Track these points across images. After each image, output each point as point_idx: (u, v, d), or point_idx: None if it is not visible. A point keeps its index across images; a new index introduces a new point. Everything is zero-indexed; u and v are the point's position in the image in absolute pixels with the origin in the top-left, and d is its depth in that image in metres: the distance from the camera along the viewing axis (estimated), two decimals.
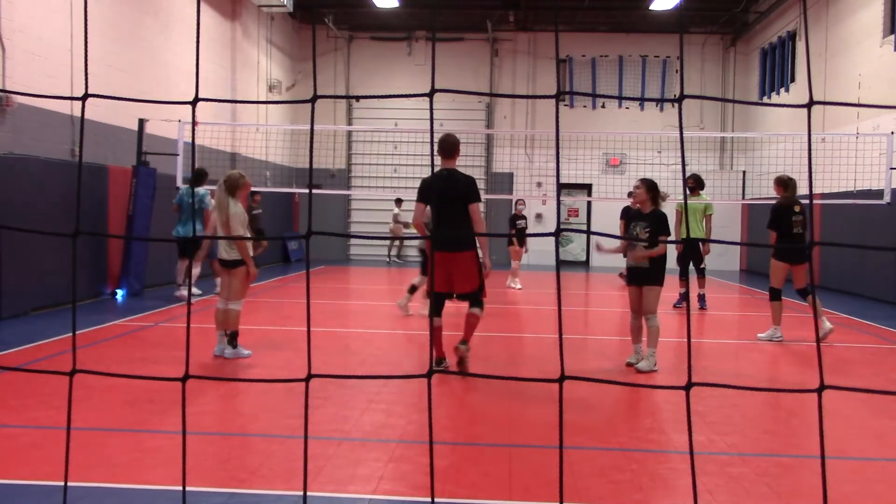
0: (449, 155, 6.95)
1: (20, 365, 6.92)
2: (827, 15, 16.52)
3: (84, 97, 1.77)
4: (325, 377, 2.15)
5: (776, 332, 8.95)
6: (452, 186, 6.74)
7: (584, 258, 22.76)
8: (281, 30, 20.88)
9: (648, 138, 21.15)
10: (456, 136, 7.09)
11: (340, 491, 4.02)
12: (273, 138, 19.88)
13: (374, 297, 14.10)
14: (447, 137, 7.02)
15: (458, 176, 6.82)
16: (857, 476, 4.49)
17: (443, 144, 6.97)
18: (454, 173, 6.86)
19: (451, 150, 6.94)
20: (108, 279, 12.00)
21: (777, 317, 8.97)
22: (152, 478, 4.14)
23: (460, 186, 6.74)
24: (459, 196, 6.72)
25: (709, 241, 1.90)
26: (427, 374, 1.62)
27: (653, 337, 7.09)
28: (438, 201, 6.75)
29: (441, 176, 6.83)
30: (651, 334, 7.10)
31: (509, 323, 10.59)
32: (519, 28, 22.33)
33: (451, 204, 6.72)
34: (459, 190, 6.73)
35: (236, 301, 7.29)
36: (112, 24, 12.34)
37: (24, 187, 9.70)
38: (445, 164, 6.98)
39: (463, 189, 6.73)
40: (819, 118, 16.65)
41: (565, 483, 4.14)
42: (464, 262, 6.76)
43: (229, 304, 7.28)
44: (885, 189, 12.24)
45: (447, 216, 6.74)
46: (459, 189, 6.73)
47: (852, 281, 14.58)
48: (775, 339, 8.91)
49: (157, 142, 13.19)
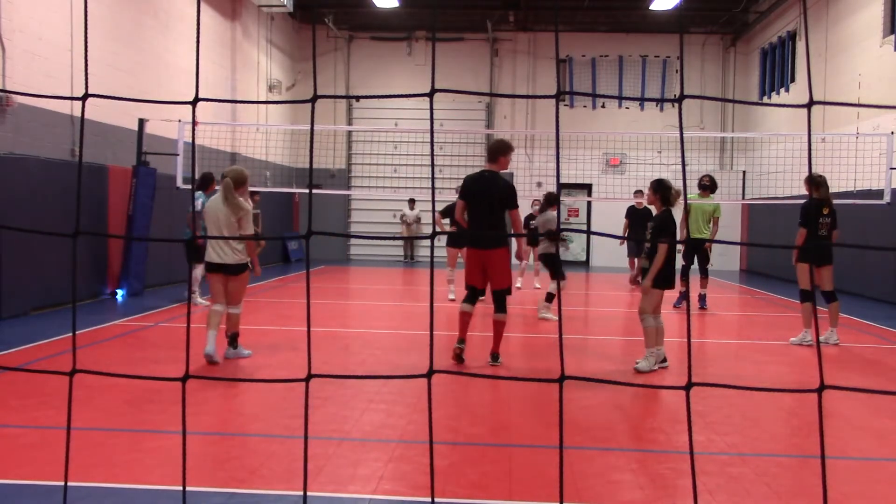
0: (490, 159, 7.33)
1: (20, 365, 6.93)
2: (827, 15, 16.52)
3: (84, 97, 1.77)
4: (325, 377, 2.15)
5: (806, 336, 8.68)
6: (493, 189, 7.13)
7: (584, 258, 22.76)
8: (281, 30, 20.88)
9: (648, 138, 21.14)
10: (504, 142, 7.43)
11: (340, 491, 4.02)
12: (273, 138, 19.88)
13: (374, 297, 14.11)
14: (494, 143, 7.43)
15: (499, 181, 7.22)
16: (857, 476, 4.49)
17: (489, 149, 7.44)
18: (496, 177, 7.24)
19: (492, 155, 7.32)
20: (108, 279, 12.00)
21: (808, 319, 8.59)
22: (152, 478, 4.14)
23: (501, 191, 7.14)
24: (499, 199, 7.13)
25: (712, 241, 1.89)
26: (427, 374, 1.62)
27: (648, 338, 7.07)
28: (476, 200, 7.14)
29: (484, 177, 7.23)
30: (646, 335, 7.08)
31: (509, 323, 10.59)
32: (519, 28, 22.33)
33: (490, 205, 7.13)
34: (500, 194, 7.13)
35: (238, 305, 7.25)
36: (112, 24, 12.34)
37: (24, 187, 9.69)
38: (490, 167, 7.34)
39: (504, 193, 7.15)
40: (819, 118, 16.65)
41: (565, 483, 4.14)
42: (498, 258, 7.17)
43: (230, 308, 7.20)
44: (885, 189, 12.24)
45: (483, 215, 7.16)
46: (500, 193, 7.14)
47: (852, 281, 14.57)
48: (805, 343, 8.63)
49: (157, 142, 13.18)
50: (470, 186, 7.21)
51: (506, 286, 7.24)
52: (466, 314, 7.35)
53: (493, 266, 7.16)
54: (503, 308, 7.28)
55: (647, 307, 7.08)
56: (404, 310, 12.07)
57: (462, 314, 7.35)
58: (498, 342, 7.31)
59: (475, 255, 7.23)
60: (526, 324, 10.63)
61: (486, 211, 7.14)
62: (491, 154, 7.32)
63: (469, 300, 7.33)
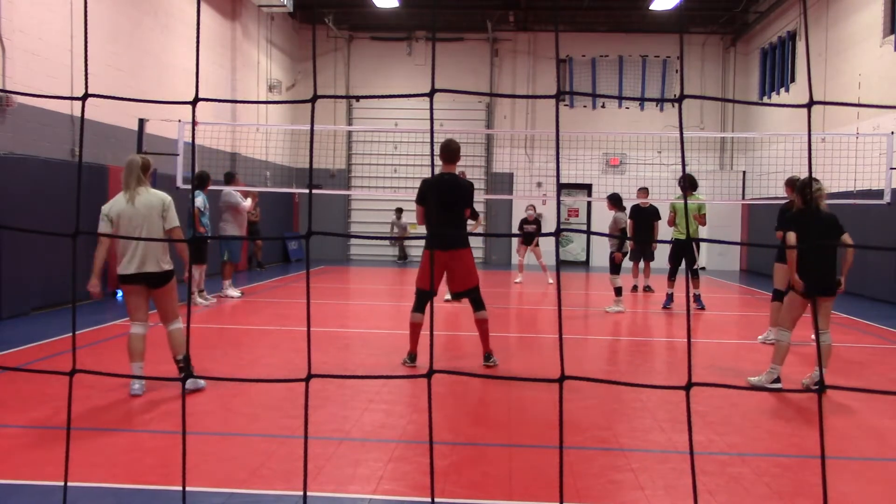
0: (450, 160, 7.17)
1: (20, 365, 6.92)
2: (827, 15, 16.52)
3: (84, 97, 1.77)
4: (325, 377, 2.15)
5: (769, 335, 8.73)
6: (454, 191, 7.01)
7: (584, 258, 22.76)
8: (281, 30, 20.88)
9: (648, 138, 21.14)
10: (458, 143, 7.30)
11: (340, 491, 4.02)
12: (273, 138, 19.88)
13: (374, 297, 14.10)
14: (450, 143, 7.22)
15: (460, 182, 7.11)
16: (857, 476, 4.49)
17: (446, 150, 7.18)
18: (455, 178, 7.13)
19: (453, 156, 7.16)
20: (108, 279, 11.99)
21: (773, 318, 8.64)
22: (152, 478, 4.14)
23: (462, 192, 7.03)
24: (461, 201, 7.02)
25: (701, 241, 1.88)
26: (427, 375, 1.62)
27: (778, 352, 6.64)
28: (439, 203, 6.98)
29: (443, 179, 7.07)
30: (777, 349, 6.66)
31: (510, 322, 10.60)
32: (519, 28, 22.33)
33: (452, 207, 7.01)
34: (461, 195, 7.02)
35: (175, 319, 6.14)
36: (112, 25, 12.33)
37: (24, 187, 9.69)
38: (446, 169, 7.19)
39: (465, 193, 7.04)
40: (819, 118, 16.65)
41: (565, 483, 4.14)
42: (467, 257, 7.06)
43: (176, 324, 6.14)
44: (885, 189, 12.24)
45: (447, 218, 7.03)
46: (461, 194, 7.02)
47: (852, 281, 14.55)
48: (769, 342, 8.66)
49: (157, 142, 13.18)
50: (433, 190, 7.01)
51: (476, 283, 7.14)
52: (419, 325, 7.16)
53: (463, 266, 7.03)
54: (482, 305, 7.18)
55: (786, 318, 6.64)
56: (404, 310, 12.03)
57: (414, 325, 7.15)
58: (487, 341, 7.19)
59: (442, 257, 6.97)
60: (526, 323, 10.64)
61: (451, 213, 7.02)
62: (451, 155, 7.13)
63: (420, 309, 7.16)
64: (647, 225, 13.02)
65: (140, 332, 5.93)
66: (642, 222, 13.12)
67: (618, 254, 11.77)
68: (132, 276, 5.83)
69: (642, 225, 13.08)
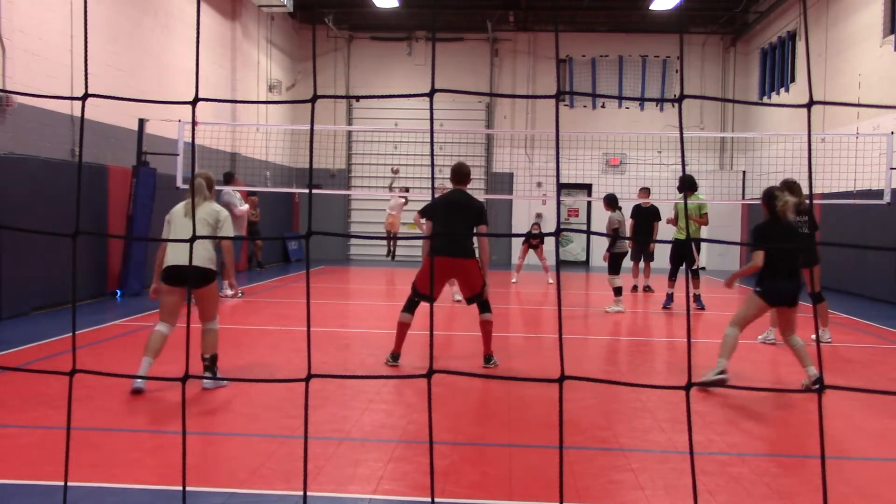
0: (461, 182, 7.40)
1: (20, 365, 6.92)
2: (827, 15, 16.52)
3: (84, 97, 1.77)
4: (325, 377, 2.15)
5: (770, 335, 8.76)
6: (465, 205, 7.18)
7: (583, 258, 22.75)
8: (281, 30, 20.88)
9: (648, 138, 21.13)
10: (468, 167, 7.59)
11: (340, 491, 4.02)
12: (273, 138, 19.87)
13: (374, 297, 14.11)
14: (461, 167, 7.50)
15: (471, 199, 7.31)
16: (857, 476, 4.49)
17: (457, 173, 7.47)
18: (467, 195, 7.34)
19: (463, 179, 7.42)
20: (108, 279, 12.00)
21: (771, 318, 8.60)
22: (152, 478, 4.14)
23: (472, 208, 7.20)
24: (472, 216, 7.17)
25: (701, 241, 1.88)
26: (427, 375, 1.62)
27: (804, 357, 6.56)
28: (449, 214, 7.18)
29: (455, 193, 7.29)
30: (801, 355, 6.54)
31: (509, 322, 10.59)
32: (519, 28, 22.33)
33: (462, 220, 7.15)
34: (472, 210, 7.18)
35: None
36: (112, 25, 12.33)
37: (24, 187, 9.69)
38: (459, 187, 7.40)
39: (475, 210, 7.19)
40: (819, 118, 16.65)
41: (565, 483, 4.14)
42: (468, 268, 7.15)
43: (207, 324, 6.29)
44: (885, 189, 12.23)
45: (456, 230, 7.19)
46: (472, 209, 7.18)
47: (852, 281, 14.57)
48: (768, 342, 8.74)
49: (157, 142, 13.18)
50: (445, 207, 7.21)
51: (479, 291, 7.22)
52: (406, 325, 7.22)
53: (469, 275, 7.16)
54: (488, 308, 7.26)
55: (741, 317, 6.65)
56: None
57: (401, 325, 7.20)
58: (489, 343, 7.23)
59: (446, 263, 7.05)
60: (526, 323, 10.65)
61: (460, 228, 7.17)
62: (464, 177, 7.38)
63: (410, 309, 7.23)
64: (648, 225, 13.05)
65: (163, 332, 6.05)
66: (643, 222, 13.17)
67: (606, 253, 11.88)
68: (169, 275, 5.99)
69: (643, 225, 13.13)
